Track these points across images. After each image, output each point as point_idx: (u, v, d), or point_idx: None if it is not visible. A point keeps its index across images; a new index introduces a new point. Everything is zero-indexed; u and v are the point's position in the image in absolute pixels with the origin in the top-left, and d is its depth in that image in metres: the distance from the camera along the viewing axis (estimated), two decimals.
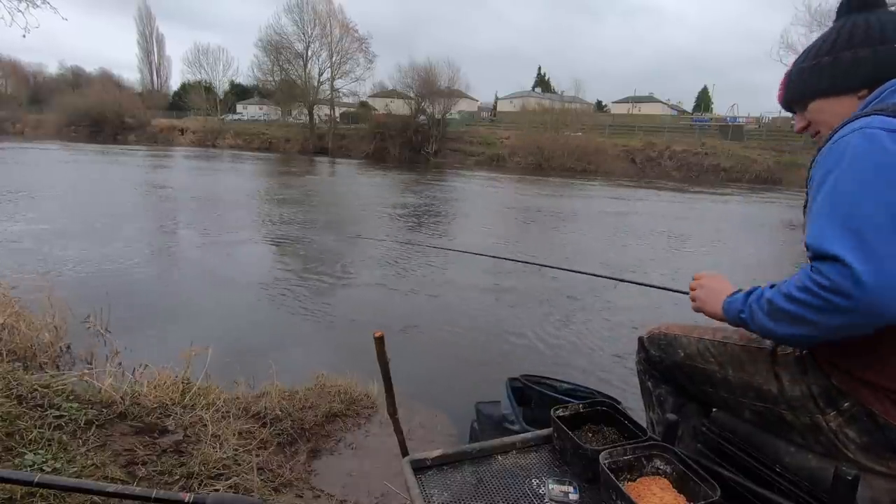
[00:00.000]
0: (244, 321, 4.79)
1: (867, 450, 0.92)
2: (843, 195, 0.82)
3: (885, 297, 0.75)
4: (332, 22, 41.38)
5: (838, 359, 0.94)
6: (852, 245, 0.77)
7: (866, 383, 0.90)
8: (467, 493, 1.12)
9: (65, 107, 46.97)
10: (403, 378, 3.51)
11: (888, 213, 0.77)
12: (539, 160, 32.08)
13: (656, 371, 1.39)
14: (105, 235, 8.07)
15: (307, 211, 12.23)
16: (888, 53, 0.93)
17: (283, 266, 6.88)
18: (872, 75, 0.94)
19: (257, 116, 51.63)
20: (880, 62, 0.93)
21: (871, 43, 0.94)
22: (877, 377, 0.89)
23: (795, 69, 1.07)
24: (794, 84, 1.07)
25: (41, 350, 3.38)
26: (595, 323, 5.10)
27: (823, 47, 1.01)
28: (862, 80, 0.95)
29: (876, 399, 0.90)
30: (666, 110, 51.32)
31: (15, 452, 1.65)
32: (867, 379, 0.90)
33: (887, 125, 0.82)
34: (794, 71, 1.07)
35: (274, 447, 2.32)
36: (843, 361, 0.93)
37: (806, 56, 1.05)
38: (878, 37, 0.94)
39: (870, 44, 0.94)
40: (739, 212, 16.20)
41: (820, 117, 1.03)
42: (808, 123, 1.07)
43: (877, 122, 0.83)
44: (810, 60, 1.03)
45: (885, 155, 0.80)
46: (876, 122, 0.83)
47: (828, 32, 1.03)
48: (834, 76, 0.98)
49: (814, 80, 1.02)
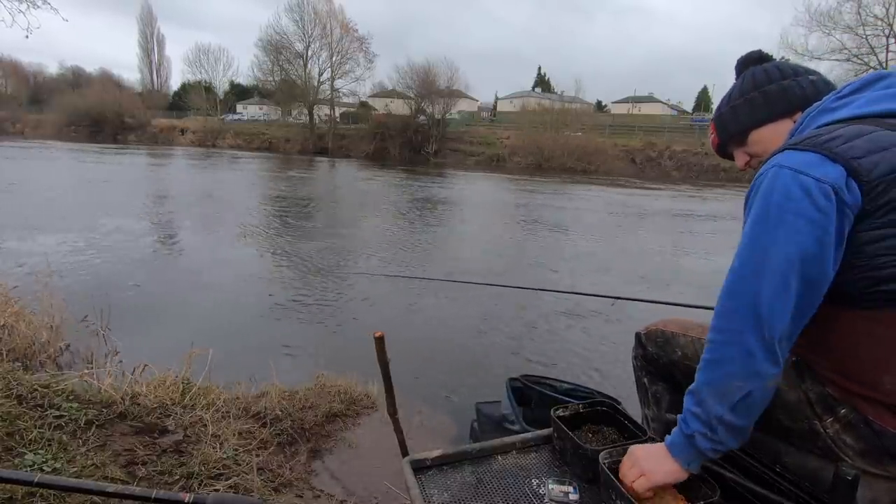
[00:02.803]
0: (244, 321, 4.79)
1: (865, 455, 0.92)
2: (747, 239, 0.88)
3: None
4: (332, 22, 41.45)
5: (828, 373, 0.93)
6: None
7: (858, 395, 0.90)
8: (467, 493, 1.12)
9: (65, 107, 46.97)
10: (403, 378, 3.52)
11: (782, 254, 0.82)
12: (539, 160, 32.07)
13: (653, 368, 1.40)
14: (105, 235, 8.07)
15: (307, 211, 12.23)
16: (806, 82, 1.05)
17: (283, 266, 6.88)
18: (801, 98, 1.03)
19: (257, 116, 51.62)
20: (804, 88, 1.04)
21: (787, 76, 1.06)
22: (862, 389, 0.89)
23: (725, 111, 1.15)
24: (728, 123, 1.14)
25: (41, 350, 3.38)
26: (595, 323, 5.10)
27: (745, 87, 1.10)
28: (794, 103, 1.04)
29: (870, 407, 0.89)
30: (666, 110, 51.34)
31: (15, 452, 1.65)
32: (857, 391, 0.90)
33: (793, 163, 0.85)
34: (724, 113, 1.15)
35: (274, 447, 2.32)
36: (833, 375, 0.93)
37: (729, 99, 1.14)
38: (791, 72, 1.07)
39: (787, 77, 1.06)
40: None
41: (760, 147, 1.10)
42: (749, 157, 1.14)
43: (785, 160, 0.86)
44: (737, 100, 1.11)
45: (785, 198, 0.83)
46: (784, 160, 0.86)
47: (739, 81, 1.13)
48: (767, 104, 1.07)
49: (749, 113, 1.09)
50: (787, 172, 0.84)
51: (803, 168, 0.83)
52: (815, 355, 0.95)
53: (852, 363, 0.89)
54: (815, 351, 0.95)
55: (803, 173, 0.82)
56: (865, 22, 25.77)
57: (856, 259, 0.83)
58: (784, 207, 0.83)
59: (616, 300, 2.11)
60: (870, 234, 0.81)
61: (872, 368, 0.87)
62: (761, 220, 0.86)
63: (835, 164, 0.81)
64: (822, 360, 0.94)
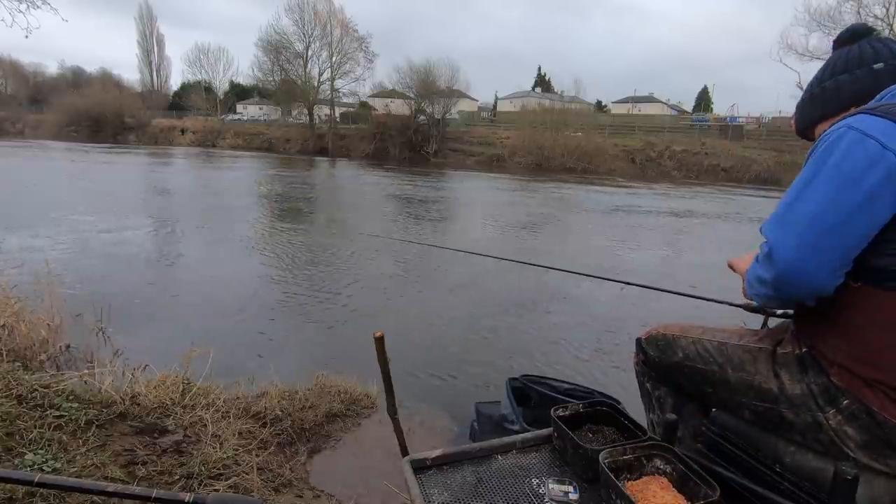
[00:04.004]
0: (244, 321, 4.79)
1: (866, 447, 0.93)
2: (798, 183, 0.93)
3: (793, 279, 0.88)
4: (332, 22, 41.37)
5: (836, 355, 0.95)
6: (776, 230, 0.91)
7: (864, 380, 0.92)
8: (467, 493, 1.12)
9: (65, 107, 46.89)
10: (404, 378, 3.52)
11: (825, 208, 0.86)
12: (539, 160, 32.06)
13: (655, 372, 1.40)
14: (105, 235, 8.07)
15: (307, 211, 12.23)
16: (865, 74, 1.04)
17: (283, 266, 6.88)
18: (852, 96, 1.05)
19: (257, 116, 51.57)
20: (858, 83, 1.04)
21: (850, 68, 1.06)
22: (874, 373, 0.91)
23: (800, 102, 1.19)
24: (800, 116, 1.19)
25: (41, 350, 3.37)
26: (595, 323, 5.10)
27: (815, 80, 1.15)
28: (845, 101, 1.05)
29: (874, 396, 0.91)
30: (666, 110, 51.26)
31: (15, 452, 1.65)
32: (865, 375, 0.91)
33: (863, 125, 0.88)
34: (799, 104, 1.20)
35: (274, 447, 2.32)
36: (841, 358, 0.95)
37: (807, 89, 1.18)
38: (856, 62, 1.06)
39: (849, 69, 1.06)
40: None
41: None
42: None
43: (855, 122, 0.89)
44: (807, 93, 1.16)
45: (846, 157, 0.86)
46: (855, 122, 0.89)
47: (822, 67, 1.15)
48: (824, 102, 1.10)
49: (811, 109, 1.14)
50: (854, 134, 0.88)
51: (872, 132, 0.86)
52: (829, 336, 0.97)
53: (870, 345, 0.91)
54: (831, 332, 0.96)
55: (871, 137, 0.86)
56: (865, 22, 25.79)
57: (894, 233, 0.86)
58: (839, 168, 0.87)
59: (626, 285, 2.12)
60: None
61: (890, 351, 0.89)
62: (814, 176, 0.90)
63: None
64: (835, 342, 0.95)
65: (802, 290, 0.89)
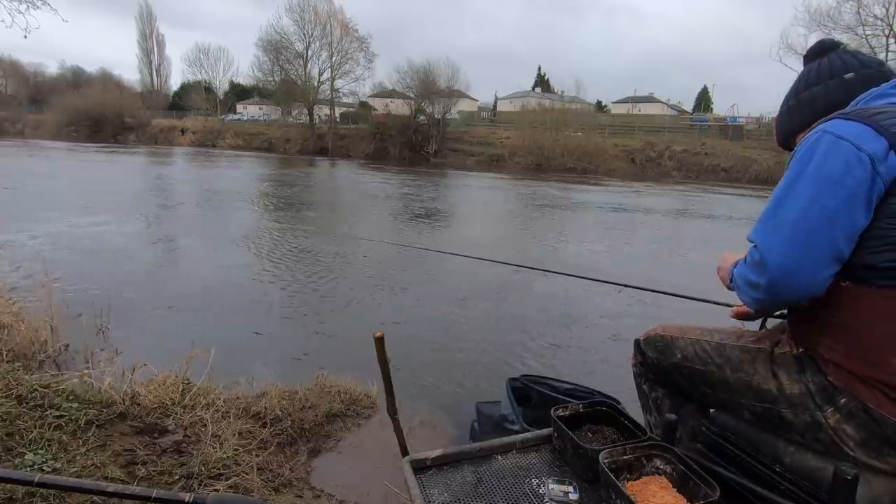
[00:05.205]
0: (244, 321, 4.78)
1: (865, 445, 0.94)
2: (781, 188, 0.96)
3: (787, 281, 0.91)
4: (332, 22, 41.38)
5: (832, 354, 0.96)
6: (765, 235, 0.94)
7: (860, 378, 0.92)
8: (467, 493, 1.12)
9: (65, 107, 46.87)
10: (404, 378, 3.52)
11: (809, 211, 0.89)
12: (539, 160, 32.05)
13: (653, 374, 1.40)
14: (105, 235, 8.07)
15: (307, 211, 12.23)
16: (837, 84, 1.09)
17: (282, 266, 6.88)
18: (826, 105, 1.08)
19: (257, 116, 51.56)
20: (831, 93, 1.09)
21: (822, 80, 1.11)
22: (869, 370, 0.91)
23: (778, 115, 1.24)
24: (780, 128, 1.24)
25: (41, 350, 3.38)
26: (595, 324, 5.10)
27: (791, 93, 1.20)
28: (820, 110, 1.08)
29: (871, 394, 0.91)
30: (666, 110, 51.22)
31: (15, 452, 1.65)
32: (860, 373, 0.92)
33: (837, 129, 0.91)
34: (778, 117, 1.25)
35: (274, 447, 2.32)
36: (836, 357, 0.95)
37: (784, 102, 1.23)
38: (827, 73, 1.11)
39: (822, 80, 1.11)
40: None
41: None
42: None
43: (830, 126, 0.93)
44: (784, 106, 1.21)
45: (825, 160, 0.90)
46: (829, 126, 0.93)
47: (796, 80, 1.20)
48: (801, 112, 1.14)
49: (789, 120, 1.19)
50: (829, 138, 0.91)
51: (847, 136, 0.89)
52: (823, 336, 0.98)
53: (863, 343, 0.92)
54: (825, 332, 0.97)
55: (846, 140, 0.88)
56: (865, 22, 25.82)
57: (881, 230, 0.87)
58: (819, 171, 0.90)
59: (623, 287, 2.12)
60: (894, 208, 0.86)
61: (882, 348, 0.90)
62: (794, 180, 0.93)
63: (879, 136, 0.87)
64: (830, 341, 0.96)
65: (796, 292, 0.91)
